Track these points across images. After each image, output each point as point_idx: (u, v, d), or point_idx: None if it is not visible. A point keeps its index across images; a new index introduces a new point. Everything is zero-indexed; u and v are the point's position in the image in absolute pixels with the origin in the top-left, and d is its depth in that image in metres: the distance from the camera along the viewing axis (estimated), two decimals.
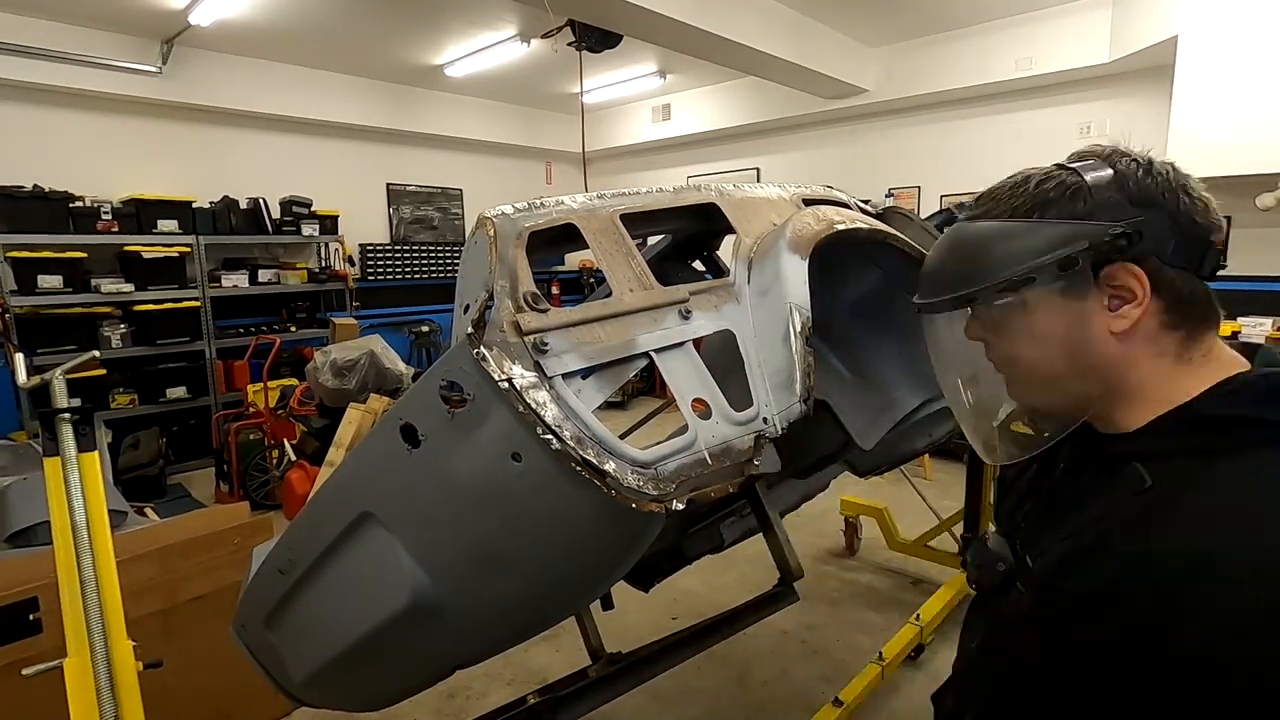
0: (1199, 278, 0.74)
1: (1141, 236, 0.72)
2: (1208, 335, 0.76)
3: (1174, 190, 0.73)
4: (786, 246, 1.31)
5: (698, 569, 2.36)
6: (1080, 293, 0.74)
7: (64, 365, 1.63)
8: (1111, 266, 0.73)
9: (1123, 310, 0.74)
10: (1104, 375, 0.76)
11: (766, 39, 5.09)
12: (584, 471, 0.98)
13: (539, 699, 1.62)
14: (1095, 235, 0.72)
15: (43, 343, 4.94)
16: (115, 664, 1.55)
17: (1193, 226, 0.73)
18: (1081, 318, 0.75)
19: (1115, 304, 0.74)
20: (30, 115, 5.27)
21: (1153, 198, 0.73)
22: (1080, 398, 0.78)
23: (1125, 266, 0.73)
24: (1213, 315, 0.76)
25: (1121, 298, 0.73)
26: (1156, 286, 0.73)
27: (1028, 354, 0.79)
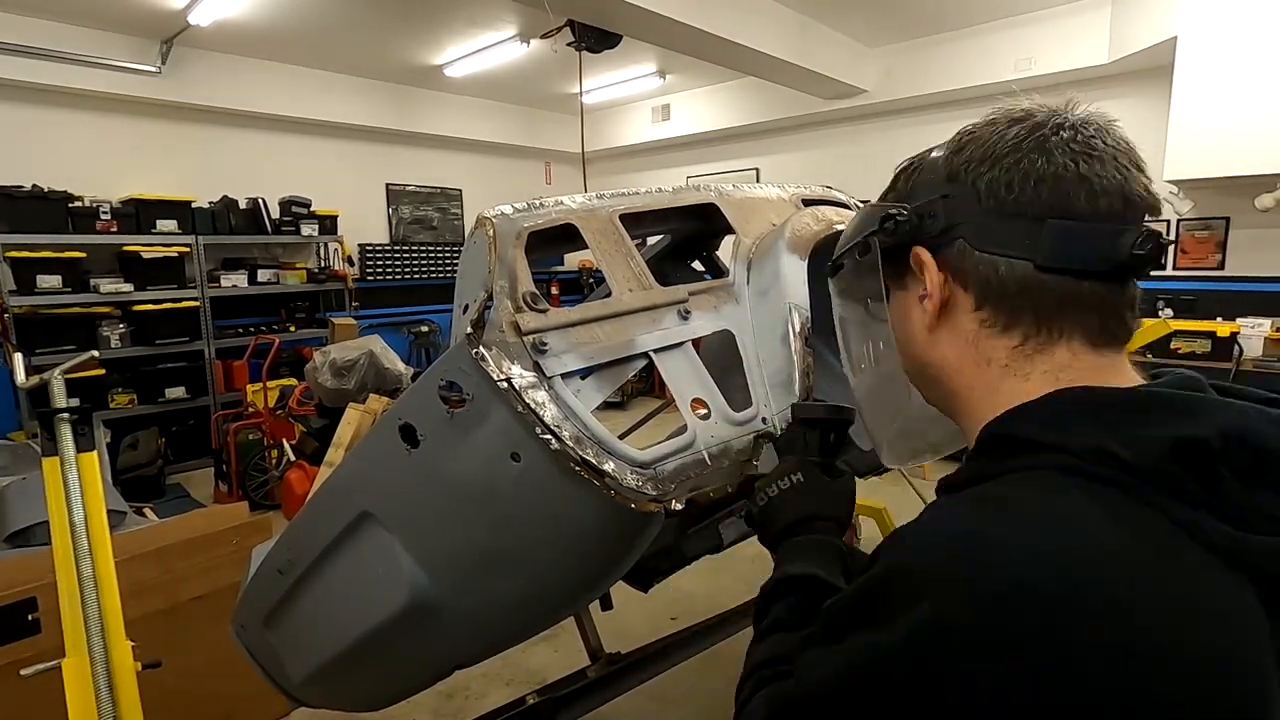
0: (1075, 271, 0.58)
1: (930, 216, 0.63)
2: (1068, 344, 0.59)
3: (981, 161, 0.61)
4: (786, 247, 1.31)
5: (697, 569, 2.35)
6: (899, 280, 0.68)
7: (63, 365, 1.63)
8: (913, 250, 0.65)
9: (925, 303, 0.65)
10: (937, 379, 0.67)
11: (766, 39, 5.09)
12: (583, 471, 0.98)
13: (538, 699, 1.62)
14: (879, 217, 0.67)
15: (42, 343, 4.94)
16: (114, 664, 1.55)
17: (1009, 203, 0.59)
18: (902, 309, 0.69)
19: (923, 295, 0.65)
20: (29, 115, 5.27)
21: (955, 171, 0.62)
22: (932, 399, 0.71)
23: (914, 250, 0.64)
24: (1082, 318, 0.59)
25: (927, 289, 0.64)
26: (961, 275, 0.62)
27: (897, 339, 0.72)
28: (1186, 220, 5.15)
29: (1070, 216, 0.58)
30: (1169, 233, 5.31)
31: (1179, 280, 5.28)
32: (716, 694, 2.75)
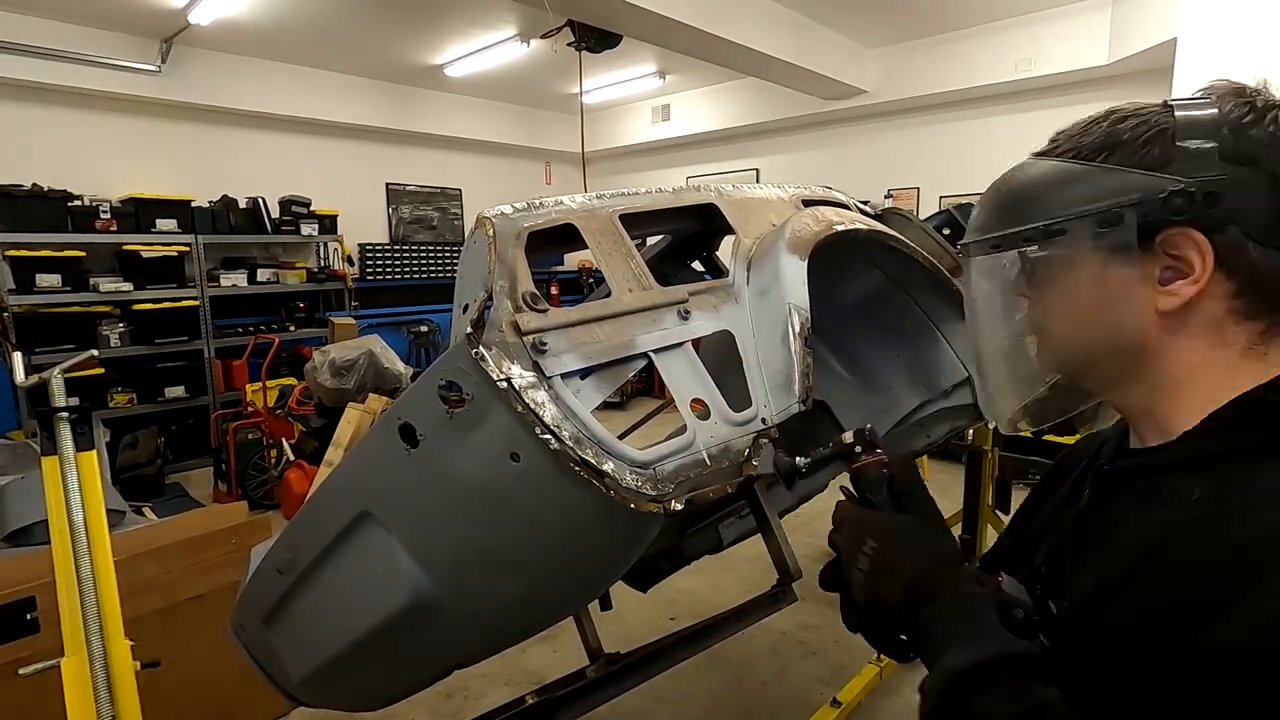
0: None
1: (1216, 198, 0.58)
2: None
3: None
4: (786, 247, 1.31)
5: (696, 569, 2.36)
6: (1127, 257, 0.61)
7: (62, 364, 1.63)
8: (1171, 230, 0.59)
9: (1174, 285, 0.60)
10: (1141, 361, 0.64)
11: (766, 40, 5.09)
12: (582, 471, 0.98)
13: (537, 699, 1.62)
14: (1151, 189, 0.59)
15: (41, 342, 4.94)
16: (113, 664, 1.55)
17: None
18: (1125, 287, 0.62)
19: (1168, 276, 0.60)
20: (29, 114, 5.27)
21: (1250, 153, 0.58)
22: (1106, 374, 0.67)
23: (1187, 233, 0.59)
24: None
25: (1177, 270, 0.60)
26: (1229, 263, 0.59)
27: (1060, 318, 0.67)
28: None
29: None
30: None
31: None
32: (715, 694, 2.75)
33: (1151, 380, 0.64)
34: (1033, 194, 0.67)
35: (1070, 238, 0.64)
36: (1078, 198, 0.63)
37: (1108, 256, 0.62)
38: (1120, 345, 0.64)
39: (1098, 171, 0.63)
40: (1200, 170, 0.58)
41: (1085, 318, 0.66)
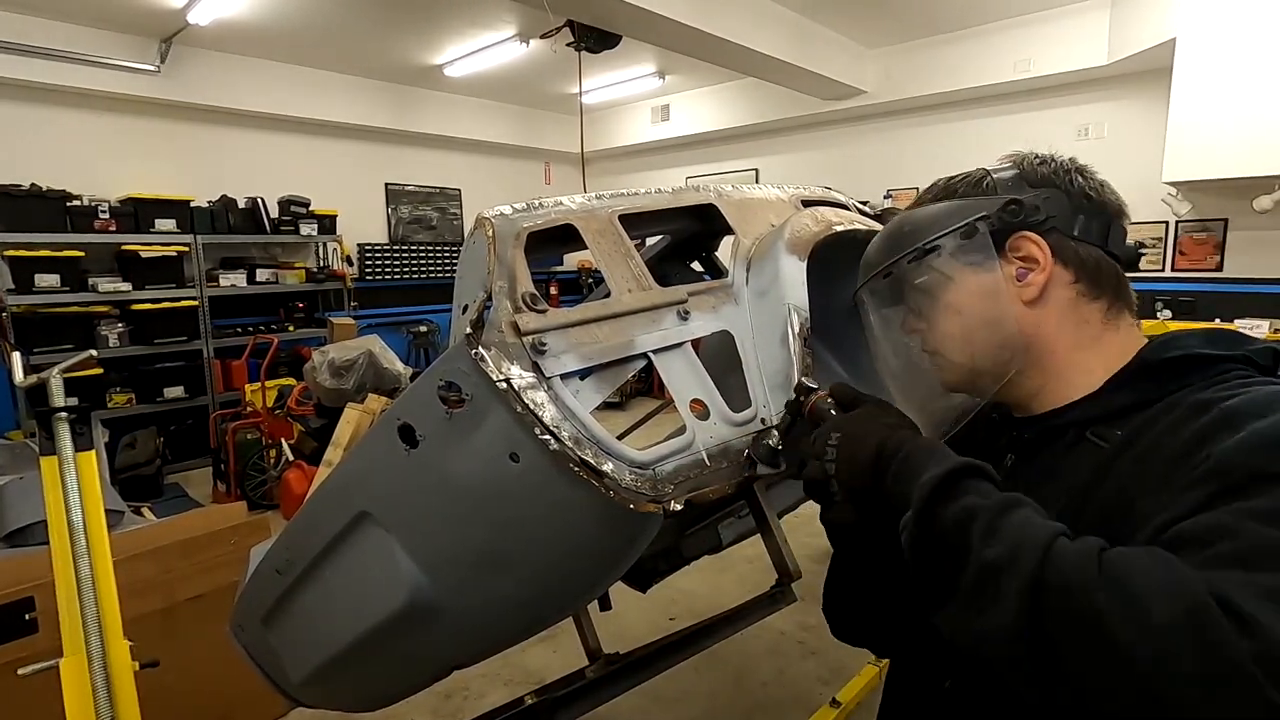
0: (1112, 257, 0.78)
1: (1036, 209, 0.77)
2: (1127, 309, 0.79)
3: (1068, 171, 0.80)
4: (785, 247, 1.31)
5: (696, 570, 2.36)
6: (987, 263, 0.78)
7: (61, 364, 1.63)
8: (1014, 237, 0.78)
9: (1029, 278, 0.78)
10: (1026, 346, 0.78)
11: (765, 40, 5.10)
12: (582, 472, 0.98)
13: (536, 699, 1.62)
14: (991, 205, 0.79)
15: (40, 342, 4.94)
16: (112, 664, 1.54)
17: (1089, 202, 0.78)
18: (993, 288, 0.78)
19: (1022, 273, 0.78)
20: (28, 113, 5.27)
21: (1047, 178, 0.80)
22: (1000, 368, 0.79)
23: (1025, 235, 0.78)
24: (1125, 292, 0.79)
25: (1027, 266, 0.78)
26: (1061, 255, 0.77)
27: (948, 329, 0.81)
28: (1185, 222, 5.16)
29: (1119, 219, 0.80)
30: (1168, 234, 5.33)
31: (1177, 282, 5.29)
32: (715, 694, 2.75)
33: (1038, 364, 0.79)
34: (903, 229, 0.85)
35: (943, 253, 0.80)
36: (938, 224, 0.82)
37: (974, 267, 0.79)
38: (1004, 339, 0.78)
39: (950, 204, 0.83)
40: (1018, 193, 0.79)
41: (971, 326, 0.80)
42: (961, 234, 0.80)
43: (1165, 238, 5.34)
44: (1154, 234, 5.34)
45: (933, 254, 0.81)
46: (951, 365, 0.83)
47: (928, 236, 0.81)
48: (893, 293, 0.87)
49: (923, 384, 0.89)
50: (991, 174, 0.83)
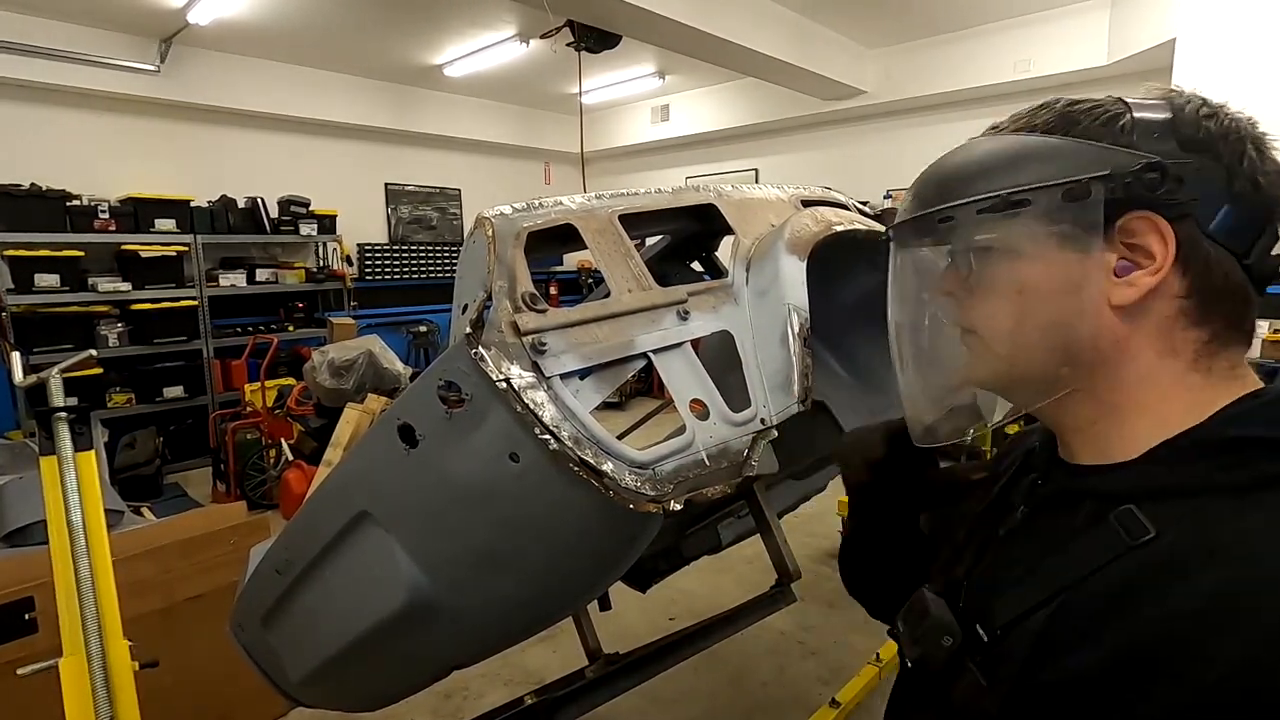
0: (1243, 268, 0.55)
1: (1180, 183, 0.53)
2: (1236, 347, 0.58)
3: (1240, 138, 0.55)
4: (785, 247, 1.31)
5: (695, 570, 2.36)
6: (1084, 239, 0.56)
7: (61, 364, 1.63)
8: (1132, 215, 0.55)
9: (1132, 276, 0.55)
10: (1093, 365, 0.58)
11: (765, 40, 5.10)
12: (582, 472, 0.98)
13: (536, 699, 1.62)
14: (1121, 165, 0.54)
15: (40, 341, 4.93)
16: (111, 664, 1.54)
17: (1254, 194, 0.55)
18: (1078, 275, 0.57)
19: (1124, 267, 0.56)
20: (28, 113, 5.27)
21: (1207, 142, 0.55)
22: (1047, 382, 0.60)
23: (1150, 218, 0.54)
24: (1247, 322, 0.58)
25: (1135, 260, 0.56)
26: (1185, 257, 0.55)
27: (999, 311, 0.61)
28: None
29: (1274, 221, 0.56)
30: None
31: None
32: (715, 694, 2.75)
33: (1097, 392, 0.59)
34: (985, 169, 0.61)
35: (1031, 212, 0.57)
36: (1039, 169, 0.57)
37: (1063, 239, 0.57)
38: (1067, 347, 0.58)
39: (1062, 143, 0.58)
40: (1161, 152, 0.55)
41: (1030, 314, 0.59)
42: (1066, 193, 0.56)
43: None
44: None
45: (1018, 208, 0.58)
46: (986, 355, 0.63)
47: (1017, 181, 0.58)
48: (942, 240, 0.65)
49: (940, 367, 0.71)
50: (1133, 112, 0.58)
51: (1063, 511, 0.62)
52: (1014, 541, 0.66)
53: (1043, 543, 0.61)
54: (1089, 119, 0.59)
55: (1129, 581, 0.52)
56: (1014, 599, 0.60)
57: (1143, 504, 0.54)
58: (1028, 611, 0.58)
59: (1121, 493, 0.56)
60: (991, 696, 0.58)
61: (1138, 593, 0.52)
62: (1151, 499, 0.55)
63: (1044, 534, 0.63)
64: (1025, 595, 0.59)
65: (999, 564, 0.66)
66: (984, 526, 0.71)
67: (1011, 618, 0.59)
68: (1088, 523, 0.58)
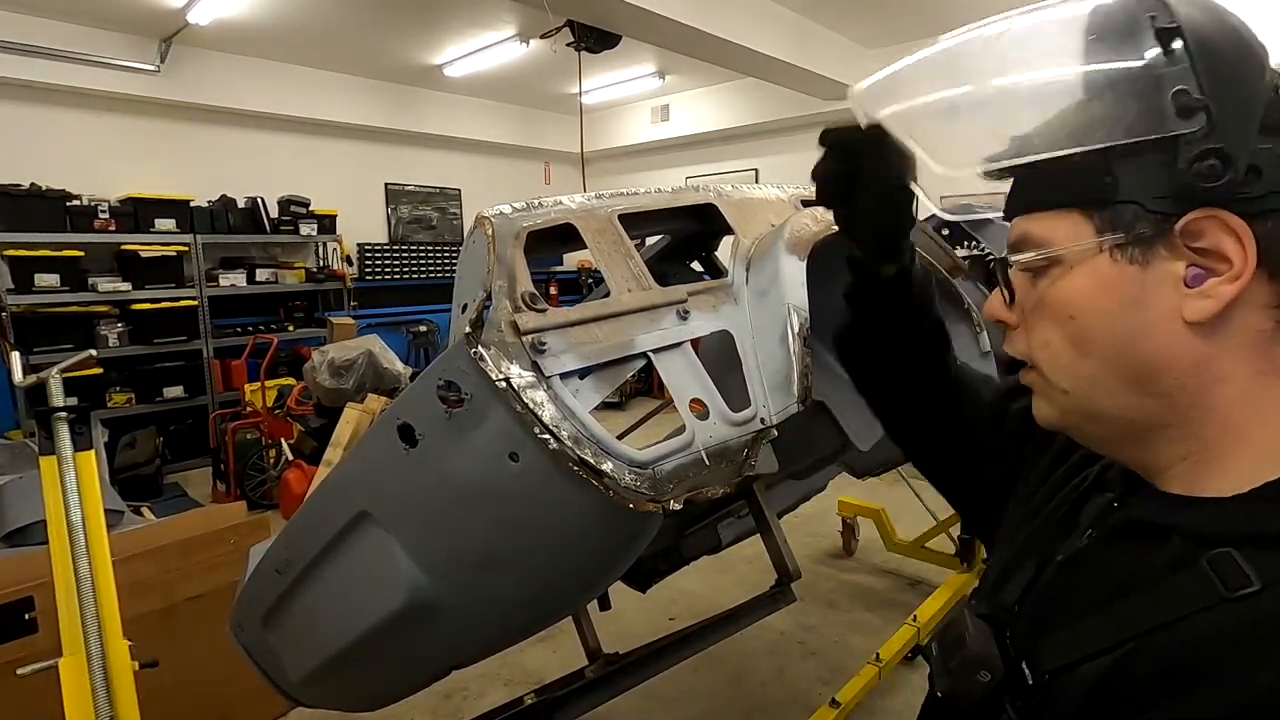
0: None
1: (1256, 173, 0.45)
2: None
3: None
4: (785, 247, 1.31)
5: (695, 569, 2.36)
6: (1141, 247, 0.48)
7: (61, 364, 1.63)
8: (1197, 215, 0.46)
9: (1207, 286, 0.47)
10: (1172, 391, 0.49)
11: (765, 40, 5.09)
12: (581, 471, 0.98)
13: (536, 699, 1.62)
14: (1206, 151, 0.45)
15: (39, 341, 4.93)
16: (111, 664, 1.54)
17: None
18: (1136, 289, 0.48)
19: (1197, 276, 0.47)
20: (27, 113, 5.26)
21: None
22: (1124, 418, 0.52)
23: (1218, 216, 0.45)
24: None
25: (1207, 266, 0.47)
26: (1270, 260, 0.46)
27: (1052, 339, 0.54)
28: None
29: None
30: None
31: None
32: (714, 694, 2.75)
33: (1186, 425, 0.50)
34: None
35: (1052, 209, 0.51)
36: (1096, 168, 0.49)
37: (1114, 249, 0.49)
38: (1135, 374, 0.50)
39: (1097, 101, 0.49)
40: (1223, 133, 0.45)
41: (1087, 340, 0.51)
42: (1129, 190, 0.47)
43: None
44: None
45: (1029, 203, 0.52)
46: (1049, 391, 0.56)
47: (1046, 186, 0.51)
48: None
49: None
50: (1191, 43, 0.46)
51: (1142, 545, 0.52)
52: (1076, 570, 0.57)
53: (1113, 578, 0.53)
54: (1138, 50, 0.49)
55: (1222, 640, 0.45)
56: (1070, 640, 0.52)
57: (1245, 550, 0.46)
58: (1087, 657, 0.50)
59: (1220, 534, 0.48)
60: None
61: (1231, 655, 0.44)
62: (1256, 545, 0.46)
63: (1115, 568, 0.54)
64: (1085, 637, 0.51)
65: (1056, 594, 0.57)
66: (1044, 545, 0.61)
67: (1065, 661, 0.52)
68: (1173, 564, 0.49)
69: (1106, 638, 0.50)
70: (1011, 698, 0.54)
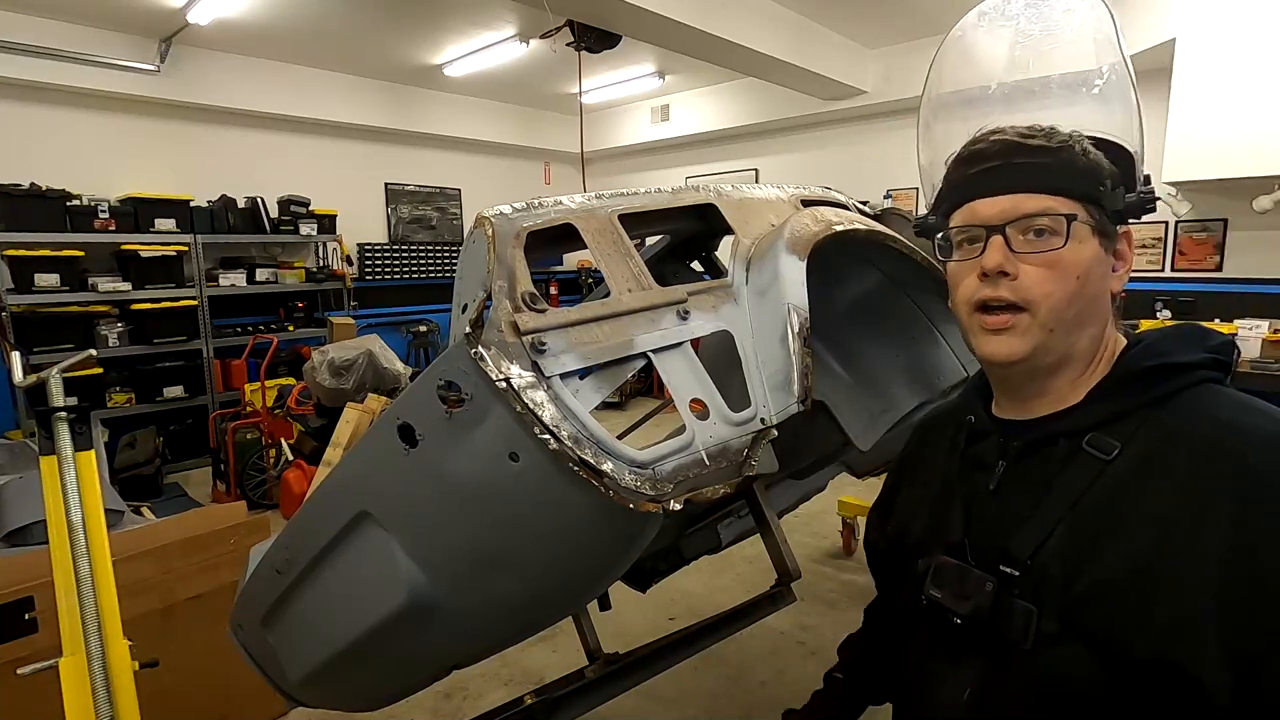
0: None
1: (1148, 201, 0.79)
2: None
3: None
4: (785, 247, 1.31)
5: (695, 569, 2.36)
6: (1111, 240, 0.78)
7: (61, 364, 1.63)
8: (1125, 228, 0.79)
9: (1121, 270, 0.78)
10: (1093, 334, 0.78)
11: (765, 40, 5.09)
12: (581, 471, 0.98)
13: (536, 699, 1.62)
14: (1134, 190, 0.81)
15: (40, 341, 4.93)
16: (111, 663, 1.54)
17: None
18: (1106, 266, 0.77)
19: (1118, 266, 0.78)
20: (27, 113, 5.26)
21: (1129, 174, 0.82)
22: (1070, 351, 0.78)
23: (1128, 231, 0.79)
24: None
25: (1122, 259, 0.79)
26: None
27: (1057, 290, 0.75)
28: (1185, 222, 5.16)
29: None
30: (1167, 234, 5.32)
31: (1177, 282, 5.29)
32: (714, 694, 2.75)
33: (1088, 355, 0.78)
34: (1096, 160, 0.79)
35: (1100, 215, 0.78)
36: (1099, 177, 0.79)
37: (1103, 239, 0.77)
38: (1092, 321, 0.77)
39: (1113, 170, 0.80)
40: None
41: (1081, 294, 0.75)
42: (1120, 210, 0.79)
43: (1165, 237, 5.33)
44: (1154, 234, 5.34)
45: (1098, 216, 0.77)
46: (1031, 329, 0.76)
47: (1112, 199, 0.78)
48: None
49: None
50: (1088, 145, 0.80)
51: (1041, 454, 0.78)
52: (1007, 491, 0.79)
53: (1034, 482, 0.77)
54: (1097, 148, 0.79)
55: (1117, 486, 0.70)
56: (1029, 533, 0.74)
57: (1103, 429, 0.73)
58: (1045, 538, 0.72)
59: (1086, 426, 0.75)
60: (1045, 616, 0.70)
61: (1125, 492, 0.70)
62: (1107, 424, 0.74)
63: (1032, 476, 0.78)
64: (1038, 527, 0.73)
65: (1000, 512, 0.79)
66: (960, 490, 0.84)
67: (1035, 546, 0.73)
68: (1067, 455, 0.75)
69: (1051, 520, 0.73)
70: (1010, 591, 0.74)
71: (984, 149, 0.78)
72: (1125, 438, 0.72)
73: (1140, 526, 0.67)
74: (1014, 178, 0.76)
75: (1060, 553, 0.71)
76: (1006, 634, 0.73)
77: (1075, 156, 0.76)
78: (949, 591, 0.78)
